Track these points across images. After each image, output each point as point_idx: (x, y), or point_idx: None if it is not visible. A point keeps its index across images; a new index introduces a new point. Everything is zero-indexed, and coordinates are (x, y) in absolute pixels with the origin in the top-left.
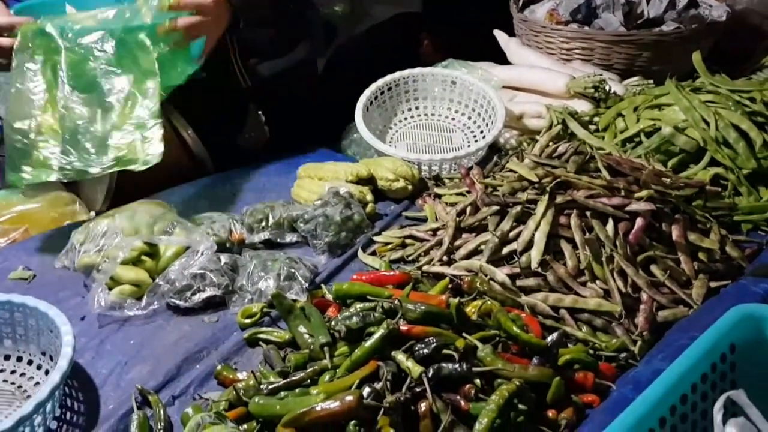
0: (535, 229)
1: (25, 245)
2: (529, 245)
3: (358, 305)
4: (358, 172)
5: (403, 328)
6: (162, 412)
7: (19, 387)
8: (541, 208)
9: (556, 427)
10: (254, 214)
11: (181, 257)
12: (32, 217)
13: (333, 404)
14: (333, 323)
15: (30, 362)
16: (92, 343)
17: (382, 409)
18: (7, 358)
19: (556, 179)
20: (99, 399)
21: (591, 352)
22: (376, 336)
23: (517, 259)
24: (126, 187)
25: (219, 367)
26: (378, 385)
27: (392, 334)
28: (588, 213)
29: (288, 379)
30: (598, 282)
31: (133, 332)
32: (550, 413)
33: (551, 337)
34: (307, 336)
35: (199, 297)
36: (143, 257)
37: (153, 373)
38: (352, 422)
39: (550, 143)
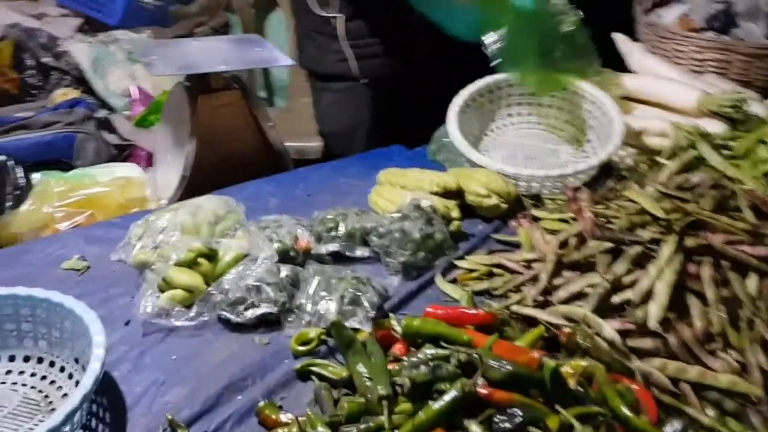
0: (657, 278)
1: (86, 232)
2: (648, 297)
3: (429, 351)
4: (445, 183)
5: (482, 390)
6: None
7: (46, 396)
8: (666, 251)
9: None
10: (325, 221)
11: (239, 265)
12: (100, 201)
13: None
14: (397, 370)
15: (62, 369)
16: (132, 354)
17: None
18: (40, 361)
19: (687, 217)
20: (126, 423)
21: None
22: (447, 398)
23: (631, 312)
24: (200, 176)
25: (262, 404)
26: None
27: (468, 397)
28: (725, 263)
29: None
30: (732, 352)
31: (177, 346)
32: None
33: (672, 428)
34: (365, 378)
35: (252, 313)
36: (200, 259)
37: (190, 398)
38: None
39: (678, 172)
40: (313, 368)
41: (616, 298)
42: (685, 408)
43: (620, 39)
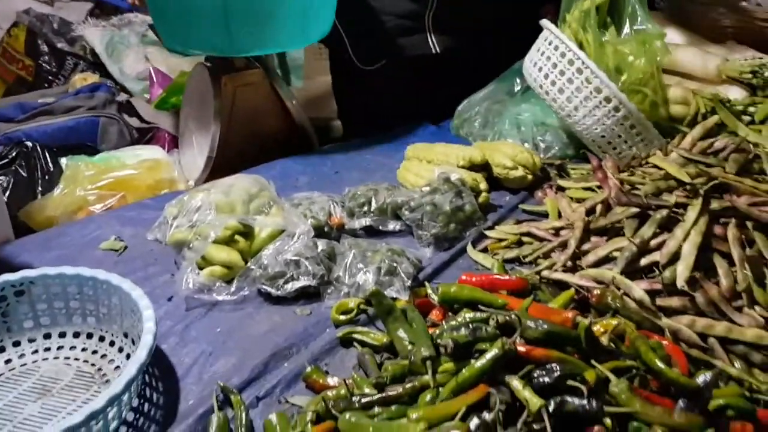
0: (684, 239)
1: (119, 213)
2: (675, 258)
3: (468, 315)
4: (471, 157)
5: (521, 348)
6: (244, 415)
7: (99, 369)
8: (692, 214)
9: None
10: (356, 197)
11: (276, 241)
12: (130, 183)
13: None
14: (438, 333)
15: (112, 343)
16: (177, 327)
17: None
18: (89, 336)
19: (711, 180)
20: (179, 392)
21: (747, 395)
22: (489, 356)
23: (658, 273)
24: (226, 156)
25: (309, 370)
26: (488, 416)
27: (508, 355)
28: (749, 224)
29: (384, 394)
30: (757, 308)
31: (220, 319)
32: None
33: (704, 377)
34: (407, 343)
35: (292, 286)
36: (236, 237)
37: (238, 367)
38: None
39: (701, 138)
40: (355, 335)
41: (644, 261)
42: (713, 361)
43: None
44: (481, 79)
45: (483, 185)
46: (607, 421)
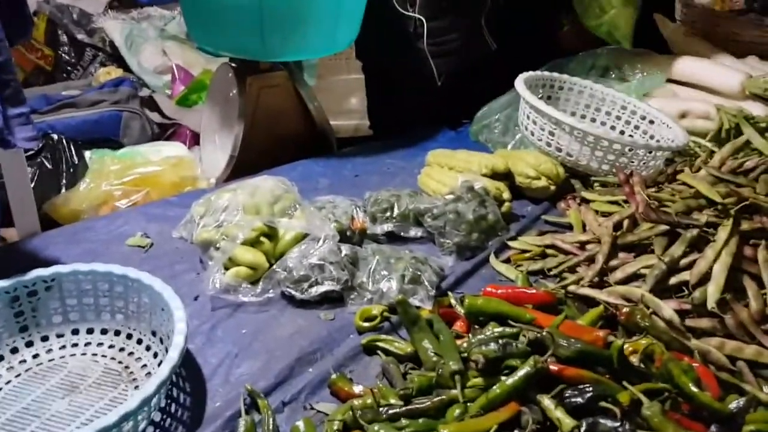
0: (714, 260)
1: (145, 209)
2: (705, 278)
3: (496, 329)
4: (494, 165)
5: (553, 367)
6: (271, 420)
7: (126, 367)
8: (723, 234)
9: None
10: (379, 202)
11: (301, 244)
12: (153, 180)
13: None
14: (466, 347)
15: (139, 341)
16: (204, 328)
17: None
18: (117, 333)
19: (742, 201)
20: (206, 393)
21: None
22: (521, 373)
23: (687, 292)
24: (247, 156)
25: (334, 377)
26: None
27: (540, 373)
28: None
29: (411, 406)
30: None
31: (245, 320)
32: None
33: (737, 402)
34: (432, 354)
35: (316, 290)
36: (261, 239)
37: (264, 371)
38: None
39: (730, 155)
40: (379, 343)
41: (673, 280)
42: (742, 385)
43: (661, 20)
44: (503, 84)
45: (506, 194)
46: None
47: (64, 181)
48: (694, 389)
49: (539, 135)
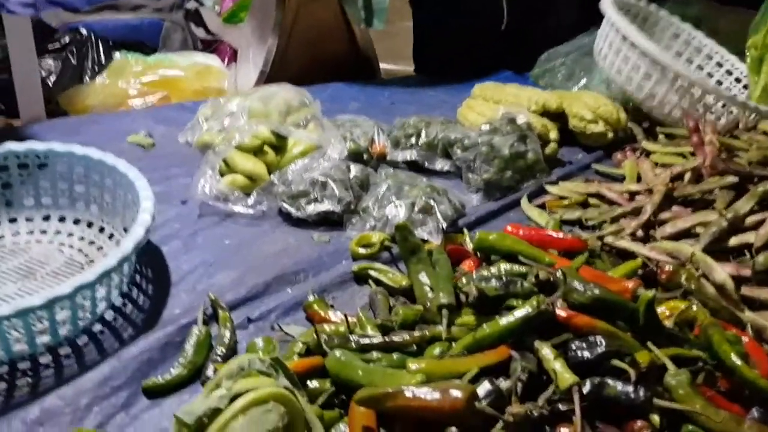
0: None
1: (156, 111)
2: None
3: (504, 266)
4: (545, 102)
5: (561, 312)
6: (228, 333)
7: (91, 261)
8: None
9: None
10: (405, 127)
11: (305, 157)
12: (175, 84)
13: (431, 395)
14: (464, 281)
15: (111, 236)
16: (184, 232)
17: (501, 422)
18: (90, 225)
19: None
20: (168, 298)
21: None
22: (518, 314)
23: (750, 257)
24: (282, 75)
25: (311, 300)
26: (504, 384)
27: (543, 317)
28: None
29: (387, 338)
30: None
31: (232, 231)
32: None
33: None
34: (427, 289)
35: (314, 209)
36: (266, 148)
37: (236, 284)
38: (453, 429)
39: None
40: (372, 272)
41: (733, 240)
42: None
43: None
44: (569, 30)
45: (553, 134)
46: (655, 417)
47: (87, 78)
48: (738, 361)
49: (619, 67)
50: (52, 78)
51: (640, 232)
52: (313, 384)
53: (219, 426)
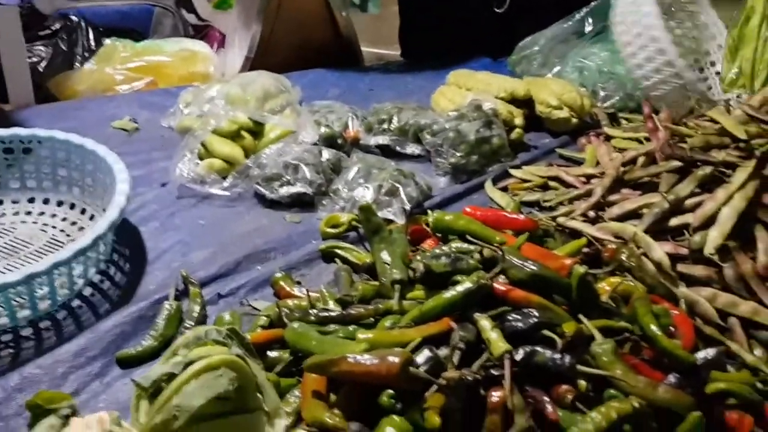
0: (725, 203)
1: (141, 96)
2: (711, 222)
3: (456, 244)
4: (513, 89)
5: (499, 287)
6: (198, 308)
7: (73, 241)
8: (741, 175)
9: None
10: (378, 112)
11: (280, 142)
12: (161, 70)
13: (370, 361)
14: (419, 259)
15: (92, 217)
16: (162, 213)
17: (435, 386)
18: (72, 207)
19: None
20: (143, 276)
21: (759, 386)
22: (460, 288)
23: (688, 236)
24: (267, 61)
25: (278, 276)
26: (442, 352)
27: (482, 291)
28: None
29: (344, 312)
30: None
31: (208, 212)
32: None
33: (705, 353)
34: (387, 266)
35: (286, 191)
36: (244, 133)
37: (208, 262)
38: (389, 392)
39: None
40: (338, 251)
41: (674, 221)
42: (729, 343)
43: None
44: (553, 17)
45: (518, 120)
46: (582, 383)
47: (77, 63)
48: (657, 331)
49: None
50: (43, 64)
51: (591, 213)
52: (273, 354)
53: (173, 389)
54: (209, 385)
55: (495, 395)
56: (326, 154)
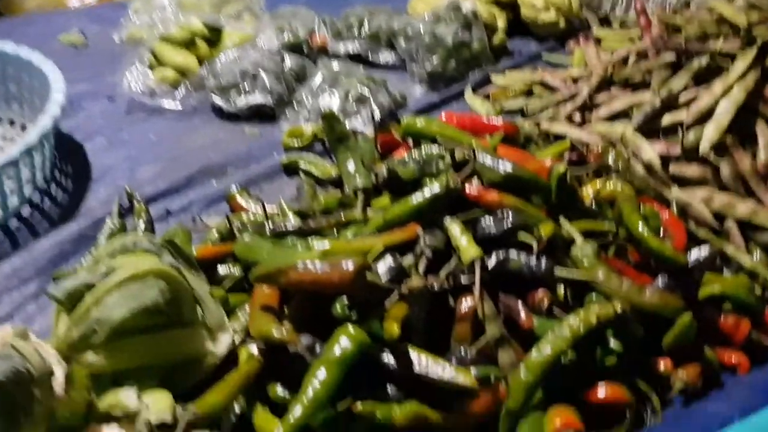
0: (722, 95)
1: (92, 10)
2: (706, 117)
3: (425, 149)
4: None
5: (471, 189)
6: (143, 225)
7: None
8: (740, 65)
9: (665, 387)
10: (348, 17)
11: (237, 49)
12: None
13: (322, 268)
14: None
15: None
16: (109, 129)
17: (397, 295)
18: (12, 123)
19: None
20: (87, 193)
21: (757, 291)
22: (427, 192)
23: (681, 134)
24: None
25: (234, 191)
26: (407, 259)
27: (451, 194)
28: None
29: (303, 224)
30: None
31: (160, 126)
32: (663, 364)
33: (697, 253)
34: (352, 175)
35: (245, 101)
36: (198, 41)
37: (157, 177)
38: (342, 300)
39: None
40: (301, 163)
41: (667, 119)
42: (724, 246)
43: None
44: None
45: (501, 23)
46: (560, 289)
47: None
48: (644, 232)
49: None
50: None
51: (577, 117)
52: (223, 270)
53: (93, 300)
54: (134, 296)
55: (464, 304)
56: (289, 61)
